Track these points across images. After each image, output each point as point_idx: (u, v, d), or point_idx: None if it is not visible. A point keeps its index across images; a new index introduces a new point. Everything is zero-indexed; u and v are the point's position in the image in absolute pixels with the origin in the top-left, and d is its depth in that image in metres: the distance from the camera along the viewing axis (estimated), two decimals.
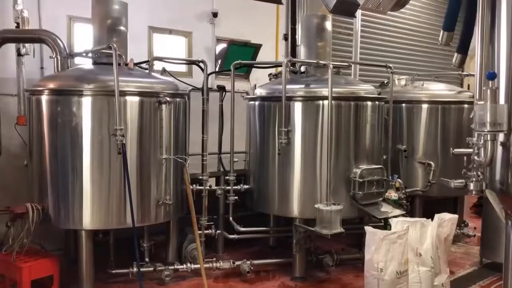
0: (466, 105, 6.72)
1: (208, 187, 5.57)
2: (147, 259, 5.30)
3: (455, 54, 3.55)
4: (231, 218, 5.65)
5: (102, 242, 5.33)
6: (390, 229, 5.03)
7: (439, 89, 6.97)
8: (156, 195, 4.91)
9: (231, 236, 5.72)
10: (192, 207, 5.04)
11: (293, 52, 8.09)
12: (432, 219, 5.17)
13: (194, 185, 5.39)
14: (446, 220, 5.09)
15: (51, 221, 4.71)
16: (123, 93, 4.59)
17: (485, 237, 5.65)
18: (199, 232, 5.30)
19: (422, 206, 6.80)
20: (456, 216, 5.26)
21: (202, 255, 5.08)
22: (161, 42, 6.91)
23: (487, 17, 2.88)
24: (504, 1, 2.77)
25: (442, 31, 3.44)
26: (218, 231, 5.80)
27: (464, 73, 7.21)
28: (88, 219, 4.64)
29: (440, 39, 3.45)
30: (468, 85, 10.42)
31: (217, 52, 7.39)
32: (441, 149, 6.65)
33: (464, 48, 3.46)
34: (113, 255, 5.35)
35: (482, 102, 2.54)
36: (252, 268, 5.38)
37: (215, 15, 7.22)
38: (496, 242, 5.42)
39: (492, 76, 2.56)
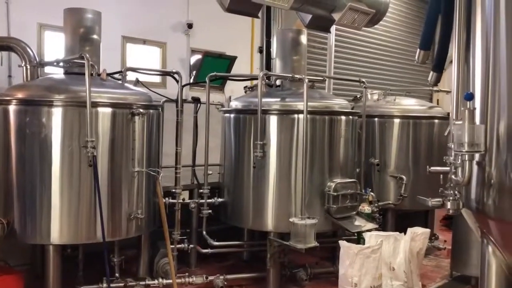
0: (436, 120, 6.89)
1: (181, 201, 5.47)
2: (117, 274, 5.13)
3: (431, 73, 3.61)
4: (204, 232, 5.56)
5: (71, 257, 5.16)
6: (363, 243, 5.07)
7: (411, 104, 7.11)
8: (127, 208, 4.79)
9: (204, 251, 5.63)
10: (164, 221, 4.94)
11: (268, 65, 8.12)
12: (403, 232, 5.24)
13: (167, 198, 5.29)
14: (419, 234, 5.17)
15: (16, 235, 4.52)
16: (95, 104, 4.48)
17: (455, 251, 5.73)
18: (172, 246, 5.19)
19: (394, 219, 6.88)
20: (428, 230, 5.36)
21: (174, 270, 4.97)
22: (135, 52, 6.82)
23: (463, 37, 2.94)
24: (478, 23, 2.84)
25: (418, 50, 3.50)
26: (191, 246, 5.69)
27: (435, 88, 7.38)
28: (57, 233, 4.48)
29: (416, 57, 3.51)
30: (438, 100, 10.69)
31: (191, 63, 7.35)
32: (412, 163, 6.77)
33: (439, 66, 3.53)
34: (82, 271, 5.19)
35: (460, 122, 2.58)
36: (225, 283, 5.30)
37: (190, 26, 7.19)
38: (466, 255, 5.51)
39: (470, 97, 2.61)
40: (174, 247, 5.32)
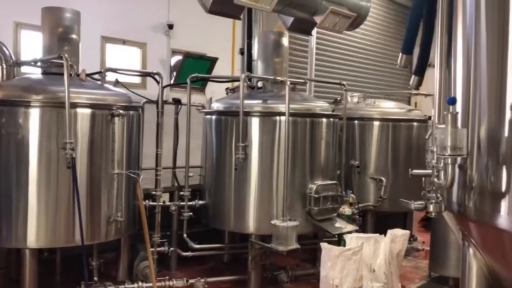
0: (415, 123, 6.99)
1: (161, 203, 5.40)
2: (96, 278, 5.04)
3: (413, 76, 3.66)
4: (185, 235, 5.51)
5: (48, 260, 5.05)
6: (344, 245, 5.10)
7: (390, 107, 7.19)
8: (107, 211, 4.71)
9: (185, 254, 5.57)
10: (145, 224, 4.88)
11: (249, 66, 8.12)
12: (383, 234, 5.29)
13: (147, 201, 5.22)
14: (399, 236, 5.22)
15: None
16: (74, 105, 4.39)
17: (434, 252, 5.81)
18: (152, 249, 5.13)
19: (373, 220, 6.94)
20: (408, 232, 5.42)
21: (154, 273, 4.91)
22: (114, 52, 6.72)
23: (445, 42, 2.98)
24: (460, 28, 2.88)
25: (401, 54, 3.54)
26: (172, 248, 5.62)
27: (414, 92, 7.50)
28: (33, 237, 4.37)
29: (399, 61, 3.55)
30: (416, 103, 10.84)
31: (172, 64, 7.29)
32: (391, 165, 6.85)
33: (421, 70, 3.58)
34: (59, 274, 5.08)
35: (443, 126, 2.61)
36: (206, 286, 5.26)
37: (170, 26, 7.13)
38: (444, 256, 5.59)
39: (453, 101, 2.65)
40: (154, 250, 5.25)
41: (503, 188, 2.53)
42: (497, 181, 2.57)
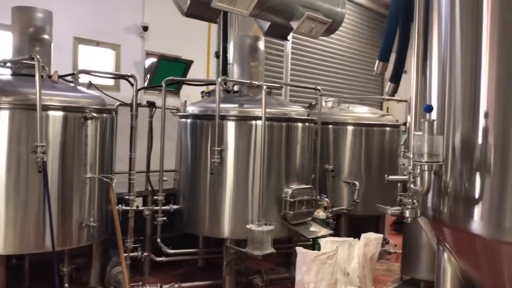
0: (388, 128, 7.10)
1: (135, 208, 5.32)
2: (66, 285, 4.90)
3: (388, 83, 3.72)
4: (159, 240, 5.44)
5: (16, 267, 4.90)
6: (318, 248, 5.13)
7: (363, 112, 7.29)
8: (79, 216, 4.60)
9: (159, 259, 5.49)
10: (118, 229, 4.79)
11: (225, 70, 8.09)
12: (355, 237, 5.34)
13: (120, 205, 5.12)
14: (372, 239, 5.28)
15: None
16: (45, 108, 4.28)
17: (405, 255, 5.89)
18: (125, 254, 5.04)
19: (347, 224, 7.01)
20: (381, 235, 5.49)
21: (127, 279, 4.83)
22: (87, 54, 6.59)
23: (421, 50, 3.04)
24: (435, 37, 2.95)
25: (377, 61, 3.60)
26: (145, 254, 5.53)
27: (387, 97, 7.63)
28: (1, 243, 4.23)
29: (375, 68, 3.60)
30: (387, 108, 11.04)
31: (146, 67, 7.20)
32: (365, 169, 6.94)
33: (396, 77, 3.64)
34: (28, 281, 4.93)
35: (419, 133, 2.66)
36: None
37: (145, 28, 7.05)
38: (416, 259, 5.68)
39: (429, 109, 2.70)
40: (127, 256, 5.15)
41: (477, 194, 2.59)
42: (471, 187, 2.63)
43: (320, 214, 5.86)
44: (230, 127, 5.29)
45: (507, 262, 2.57)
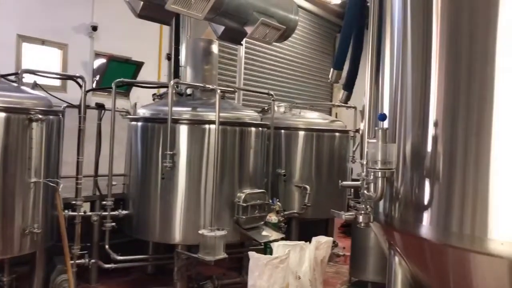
0: (337, 134, 7.27)
1: (82, 213, 5.14)
2: None
3: (342, 91, 3.82)
4: (107, 246, 5.27)
5: None
6: (270, 253, 5.16)
7: (314, 118, 7.42)
8: (21, 223, 4.39)
9: (107, 266, 5.32)
10: (64, 235, 4.62)
11: (176, 72, 7.95)
12: (305, 240, 5.42)
13: (66, 211, 4.94)
14: (323, 243, 5.37)
15: None
16: None
17: (354, 257, 6.04)
18: (71, 262, 4.85)
19: (297, 227, 7.10)
20: (331, 238, 5.59)
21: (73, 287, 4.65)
22: (32, 53, 6.30)
23: (374, 61, 3.14)
24: (387, 49, 3.05)
25: (332, 70, 3.68)
26: (92, 261, 5.35)
27: (337, 104, 7.81)
28: None
29: (330, 76, 3.68)
30: (336, 113, 11.31)
31: (95, 67, 6.97)
32: (315, 174, 7.06)
33: (349, 85, 3.74)
34: None
35: (374, 141, 2.74)
36: None
37: (94, 28, 6.83)
38: (364, 261, 5.83)
39: (383, 117, 2.79)
40: (73, 263, 4.97)
41: (426, 201, 2.70)
42: (420, 194, 2.74)
43: (272, 218, 5.91)
44: (183, 131, 5.22)
45: (452, 265, 2.69)
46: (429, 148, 2.69)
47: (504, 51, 2.45)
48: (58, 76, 6.12)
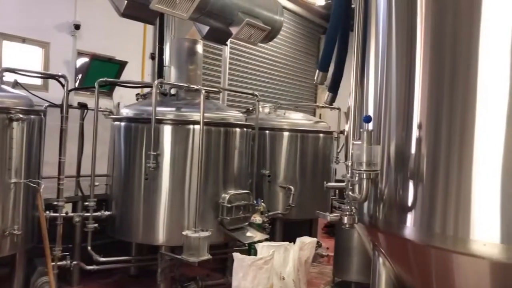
0: (321, 134, 7.30)
1: (64, 214, 5.07)
2: None
3: (327, 93, 3.84)
4: (89, 248, 5.20)
5: None
6: (254, 253, 5.16)
7: (299, 118, 7.44)
8: (1, 224, 4.32)
9: (89, 267, 5.25)
10: (45, 237, 4.54)
11: (160, 72, 7.93)
12: (289, 240, 5.43)
13: (48, 212, 4.86)
14: (307, 243, 5.39)
15: None
16: None
17: (337, 257, 6.06)
18: (52, 263, 4.77)
19: (282, 228, 7.11)
20: (315, 239, 5.62)
21: None
22: (13, 51, 6.19)
23: (359, 63, 3.16)
24: (372, 51, 3.07)
25: (317, 71, 3.69)
26: (74, 262, 5.28)
27: (321, 105, 7.84)
28: None
29: (315, 78, 3.69)
30: (320, 114, 11.35)
31: (77, 66, 6.88)
32: (299, 174, 7.08)
33: (334, 87, 3.76)
34: None
35: (359, 142, 2.75)
36: None
37: (77, 27, 6.73)
38: (347, 262, 5.86)
39: (368, 119, 2.80)
40: (54, 265, 4.89)
41: (409, 202, 2.73)
42: (404, 195, 2.76)
43: (257, 219, 5.90)
44: (167, 131, 5.18)
45: (435, 265, 2.72)
46: (413, 150, 2.72)
47: (487, 53, 2.48)
48: (40, 75, 6.03)
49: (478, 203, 2.46)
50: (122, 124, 5.48)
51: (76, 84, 6.77)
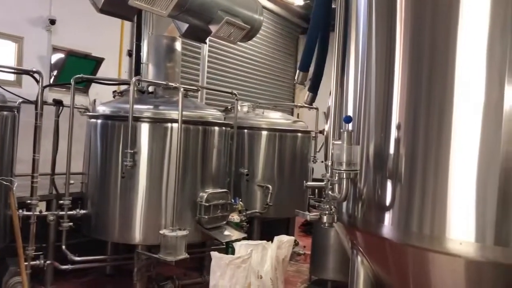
0: (299, 134, 7.35)
1: (37, 213, 4.96)
2: None
3: (307, 93, 3.86)
4: (64, 247, 5.11)
5: None
6: (232, 252, 5.15)
7: (277, 118, 7.47)
8: None
9: (64, 267, 5.15)
10: (18, 236, 4.43)
11: (137, 69, 7.83)
12: (267, 239, 5.45)
13: (21, 210, 4.75)
14: (285, 242, 5.41)
15: None
16: None
17: (314, 256, 6.13)
18: (25, 263, 4.67)
19: (259, 227, 7.13)
20: (292, 238, 5.64)
21: None
22: None
23: (339, 64, 3.18)
24: (353, 51, 3.10)
25: (298, 71, 3.71)
26: (48, 262, 5.18)
27: (299, 104, 7.88)
28: None
29: (296, 78, 3.70)
30: (298, 114, 11.42)
31: (53, 62, 6.73)
32: (277, 173, 7.11)
33: (314, 87, 3.78)
34: None
35: (339, 142, 2.77)
36: None
37: (52, 22, 6.58)
38: (324, 260, 5.92)
39: (348, 120, 2.83)
40: (27, 264, 4.78)
41: (387, 201, 2.76)
42: (382, 195, 2.80)
43: (235, 217, 5.89)
44: (144, 129, 5.13)
45: (412, 264, 2.77)
46: (391, 150, 2.75)
47: (464, 55, 2.53)
48: (14, 71, 5.88)
49: (454, 203, 2.51)
50: (99, 121, 5.39)
51: (51, 81, 6.62)
